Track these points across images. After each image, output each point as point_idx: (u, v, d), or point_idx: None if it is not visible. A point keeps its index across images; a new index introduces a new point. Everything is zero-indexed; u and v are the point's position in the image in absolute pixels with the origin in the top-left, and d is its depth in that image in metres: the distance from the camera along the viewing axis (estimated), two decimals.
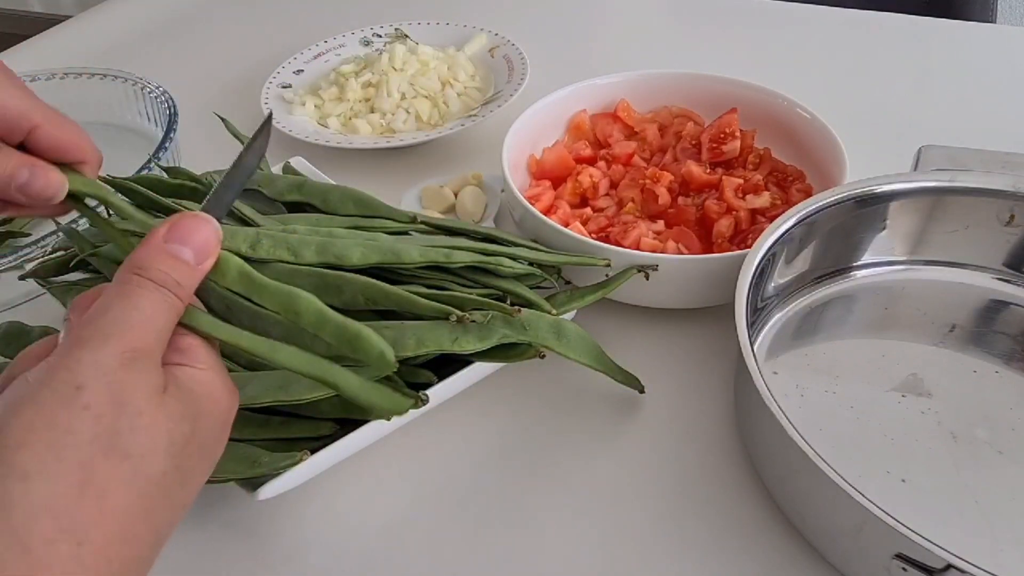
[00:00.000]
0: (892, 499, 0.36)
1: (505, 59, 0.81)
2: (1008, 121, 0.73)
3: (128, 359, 0.28)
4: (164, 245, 0.31)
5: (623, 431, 0.50)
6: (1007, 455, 0.45)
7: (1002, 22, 1.13)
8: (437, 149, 0.76)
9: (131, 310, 0.29)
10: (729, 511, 0.45)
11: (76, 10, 1.14)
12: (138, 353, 0.28)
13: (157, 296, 0.30)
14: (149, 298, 0.30)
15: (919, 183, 0.53)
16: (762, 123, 0.65)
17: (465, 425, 0.51)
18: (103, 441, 0.26)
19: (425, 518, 0.46)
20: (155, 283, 0.30)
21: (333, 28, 0.89)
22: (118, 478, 0.26)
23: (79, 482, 0.25)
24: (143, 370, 0.28)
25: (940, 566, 0.34)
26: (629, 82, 0.69)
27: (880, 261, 0.55)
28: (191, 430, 0.29)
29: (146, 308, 0.30)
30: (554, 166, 0.65)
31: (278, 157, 0.66)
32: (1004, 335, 0.52)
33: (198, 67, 0.91)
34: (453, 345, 0.44)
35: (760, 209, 0.59)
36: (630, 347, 0.53)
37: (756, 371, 0.41)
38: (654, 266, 0.51)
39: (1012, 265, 0.54)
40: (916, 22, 0.89)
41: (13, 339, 0.55)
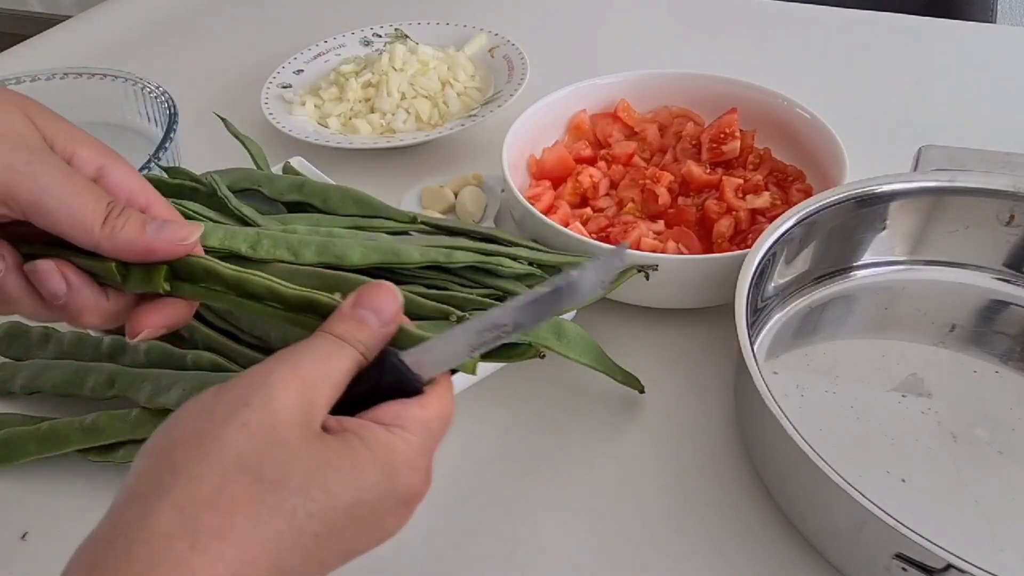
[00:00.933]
0: (892, 499, 0.36)
1: (505, 59, 0.81)
2: (1008, 121, 0.73)
3: (295, 395, 0.29)
4: (351, 311, 0.33)
5: (623, 431, 0.50)
6: (1007, 455, 0.45)
7: (1002, 22, 1.13)
8: (437, 149, 0.76)
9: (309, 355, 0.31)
10: (729, 511, 0.45)
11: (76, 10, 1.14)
12: (306, 390, 0.29)
13: (339, 349, 0.31)
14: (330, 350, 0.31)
15: (919, 183, 0.53)
16: (762, 123, 0.65)
17: (465, 425, 0.51)
18: (245, 459, 0.27)
19: (424, 518, 0.46)
20: (334, 337, 0.32)
21: (333, 28, 0.89)
22: (248, 496, 0.26)
23: (214, 491, 0.26)
24: (303, 408, 0.29)
25: (940, 566, 0.34)
26: (629, 82, 0.69)
27: (880, 261, 0.55)
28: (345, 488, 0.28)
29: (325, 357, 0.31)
30: (554, 166, 0.65)
31: (278, 157, 0.66)
32: (1004, 335, 0.52)
33: (198, 67, 0.91)
34: None
35: (760, 209, 0.59)
36: (630, 347, 0.53)
37: (756, 371, 0.41)
38: (654, 266, 0.51)
39: (1012, 265, 0.54)
40: (916, 22, 0.89)
41: (13, 339, 0.55)
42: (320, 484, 0.28)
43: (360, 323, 0.32)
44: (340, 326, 0.32)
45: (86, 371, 0.49)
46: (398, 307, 0.33)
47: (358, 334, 0.32)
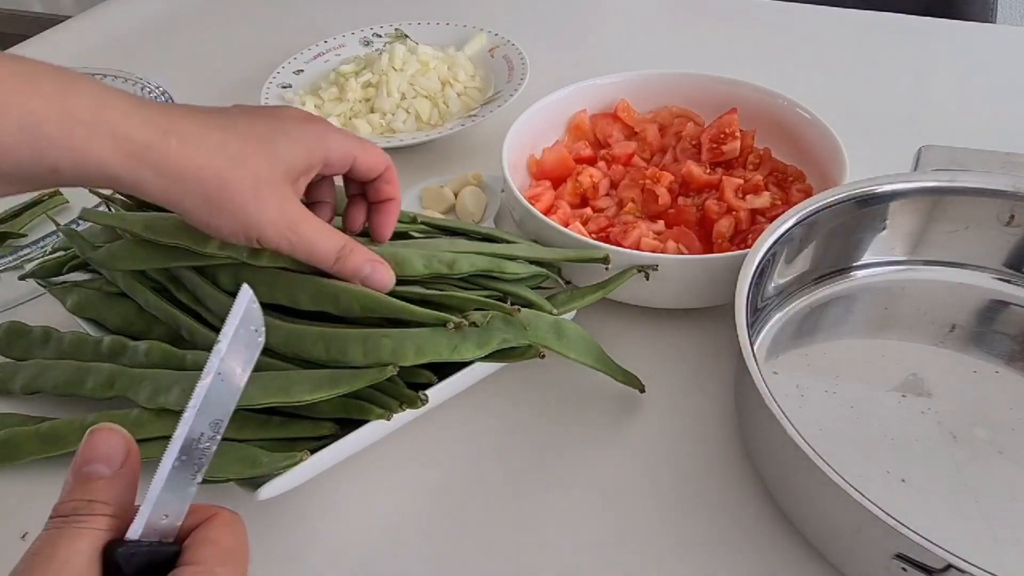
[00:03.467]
0: (892, 499, 0.36)
1: (505, 59, 0.81)
2: (1008, 121, 0.73)
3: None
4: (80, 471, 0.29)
5: (623, 431, 0.50)
6: (1007, 455, 0.45)
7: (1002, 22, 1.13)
8: (437, 149, 0.76)
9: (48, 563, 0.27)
10: (729, 511, 0.45)
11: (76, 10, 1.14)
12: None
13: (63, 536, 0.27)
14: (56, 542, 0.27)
15: (919, 183, 0.53)
16: (762, 123, 0.65)
17: (465, 425, 0.51)
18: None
19: (425, 518, 0.46)
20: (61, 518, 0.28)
21: (333, 28, 0.89)
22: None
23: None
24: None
25: (940, 566, 0.34)
26: (629, 82, 0.69)
27: (880, 261, 0.55)
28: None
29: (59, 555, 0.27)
30: (554, 166, 0.65)
31: None
32: (1004, 335, 0.52)
33: (198, 67, 0.91)
34: (452, 353, 0.44)
35: (760, 209, 0.59)
36: (630, 347, 0.53)
37: (756, 371, 0.41)
38: (654, 266, 0.51)
39: (1012, 265, 0.54)
40: (916, 22, 0.89)
41: (13, 339, 0.55)
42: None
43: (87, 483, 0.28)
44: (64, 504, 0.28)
45: (86, 371, 0.49)
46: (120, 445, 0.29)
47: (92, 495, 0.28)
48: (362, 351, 0.44)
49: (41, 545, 0.27)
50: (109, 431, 0.30)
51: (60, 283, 0.56)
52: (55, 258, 0.57)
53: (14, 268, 0.58)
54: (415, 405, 0.44)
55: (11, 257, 0.58)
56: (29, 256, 0.59)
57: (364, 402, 0.44)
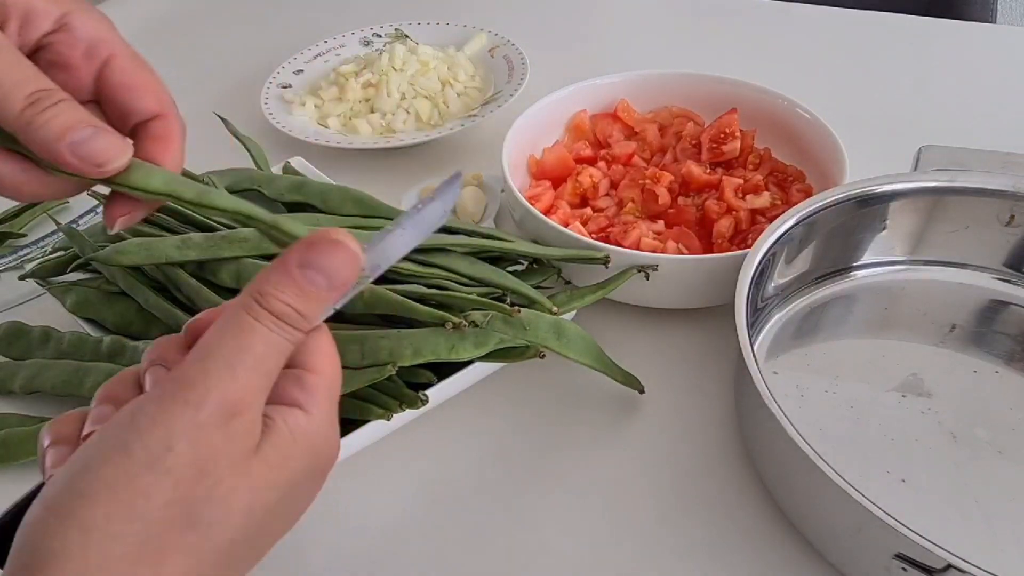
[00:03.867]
0: (892, 499, 0.36)
1: (505, 59, 0.81)
2: (1008, 121, 0.73)
3: (224, 420, 0.26)
4: (295, 271, 0.27)
5: (623, 431, 0.50)
6: (1007, 455, 0.44)
7: (1002, 22, 1.13)
8: (437, 149, 0.76)
9: (240, 353, 0.26)
10: (729, 511, 0.45)
11: None
12: (237, 410, 0.26)
13: (271, 337, 0.27)
14: (263, 338, 0.27)
15: (919, 183, 0.53)
16: (762, 123, 0.65)
17: (465, 425, 0.51)
18: (175, 508, 0.25)
19: (425, 518, 0.46)
20: (273, 317, 0.27)
21: (333, 28, 0.89)
22: (181, 548, 0.25)
23: (139, 546, 0.24)
24: (237, 433, 0.26)
25: (940, 566, 0.34)
26: (629, 82, 0.69)
27: (880, 261, 0.55)
28: (277, 497, 0.27)
29: (257, 349, 0.27)
30: (554, 166, 0.65)
31: (278, 157, 0.66)
32: (1004, 335, 0.52)
33: (198, 67, 0.91)
34: (450, 353, 0.44)
35: (760, 209, 0.59)
36: (630, 347, 0.53)
37: (756, 371, 0.41)
38: (654, 266, 0.51)
39: (1012, 265, 0.54)
40: (916, 22, 0.89)
41: (13, 339, 0.55)
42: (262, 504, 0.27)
43: (304, 293, 0.27)
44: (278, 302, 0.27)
45: (85, 371, 0.49)
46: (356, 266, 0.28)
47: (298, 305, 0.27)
48: (360, 352, 0.44)
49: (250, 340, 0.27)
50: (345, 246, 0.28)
51: (60, 283, 0.56)
52: (55, 258, 0.57)
53: (14, 268, 0.58)
54: (415, 405, 0.44)
55: (11, 257, 0.58)
56: (29, 256, 0.59)
57: (364, 402, 0.44)
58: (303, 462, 0.28)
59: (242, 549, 0.27)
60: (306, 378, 0.29)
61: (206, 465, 0.25)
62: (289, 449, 0.27)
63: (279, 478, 0.27)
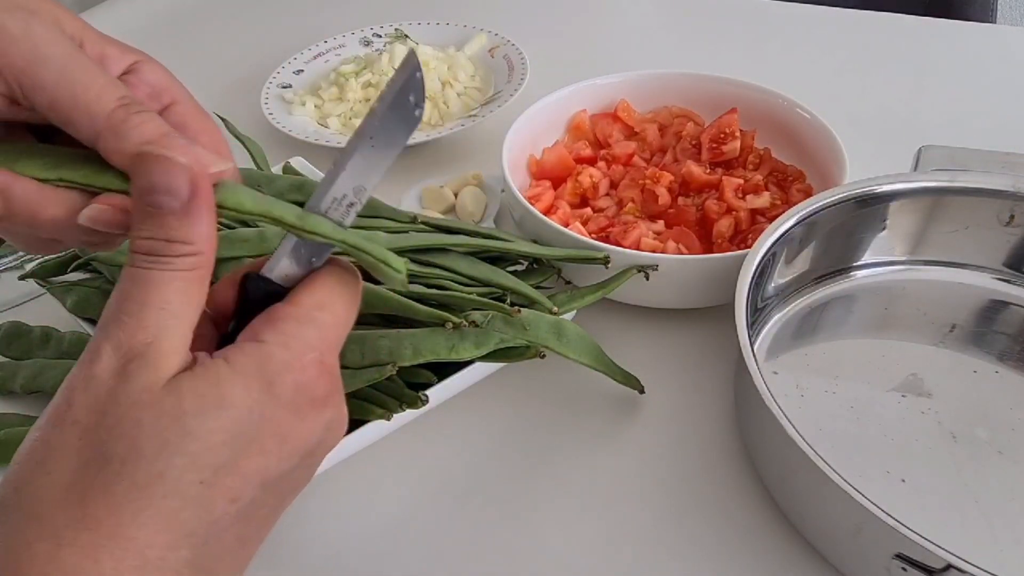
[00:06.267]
0: (892, 499, 0.36)
1: (505, 59, 0.81)
2: (1008, 121, 0.73)
3: (120, 364, 0.26)
4: (138, 204, 0.26)
5: (623, 431, 0.50)
6: (1007, 455, 0.44)
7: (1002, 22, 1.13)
8: (437, 149, 0.76)
9: (123, 302, 0.26)
10: (729, 511, 0.45)
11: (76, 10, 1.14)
12: (133, 352, 0.26)
13: (149, 275, 0.26)
14: (139, 278, 0.26)
15: (919, 183, 0.53)
16: (762, 123, 0.65)
17: (465, 425, 0.51)
18: (86, 452, 0.25)
19: (425, 518, 0.46)
20: (141, 255, 0.26)
21: (333, 28, 0.89)
22: (97, 484, 0.25)
23: (62, 489, 0.25)
24: (134, 372, 0.26)
25: (940, 566, 0.34)
26: (629, 82, 0.69)
27: (880, 261, 0.55)
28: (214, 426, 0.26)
29: (136, 291, 0.26)
30: (554, 166, 0.65)
31: (278, 157, 0.66)
32: (1004, 335, 0.52)
33: (198, 67, 0.91)
34: (450, 353, 0.44)
35: (760, 209, 0.59)
36: (630, 347, 0.53)
37: (756, 371, 0.41)
38: (654, 266, 0.51)
39: (1012, 265, 0.54)
40: (916, 22, 0.89)
41: (13, 339, 0.55)
42: (179, 432, 0.25)
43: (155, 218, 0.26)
44: (139, 240, 0.26)
45: None
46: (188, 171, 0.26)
47: (163, 233, 0.26)
48: (360, 352, 0.44)
49: (129, 287, 0.26)
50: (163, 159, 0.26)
51: (60, 283, 0.56)
52: (55, 258, 0.57)
53: (14, 268, 0.58)
54: (415, 405, 0.44)
55: (11, 257, 0.58)
56: (29, 256, 0.59)
57: (364, 402, 0.44)
58: (246, 391, 0.26)
59: (191, 488, 0.25)
60: (275, 311, 0.28)
61: (105, 407, 0.25)
62: (219, 377, 0.26)
63: (202, 405, 0.26)
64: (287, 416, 0.27)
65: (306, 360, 0.28)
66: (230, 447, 0.26)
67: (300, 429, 0.28)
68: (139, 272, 0.26)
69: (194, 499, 0.25)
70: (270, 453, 0.27)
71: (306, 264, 0.30)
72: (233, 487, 0.26)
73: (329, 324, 0.29)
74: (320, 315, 0.29)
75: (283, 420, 0.27)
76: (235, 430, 0.26)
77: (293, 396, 0.27)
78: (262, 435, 0.27)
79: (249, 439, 0.26)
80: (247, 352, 0.27)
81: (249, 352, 0.27)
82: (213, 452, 0.26)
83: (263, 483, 0.27)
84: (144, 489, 0.25)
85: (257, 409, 0.27)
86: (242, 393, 0.26)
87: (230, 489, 0.26)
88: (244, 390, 0.26)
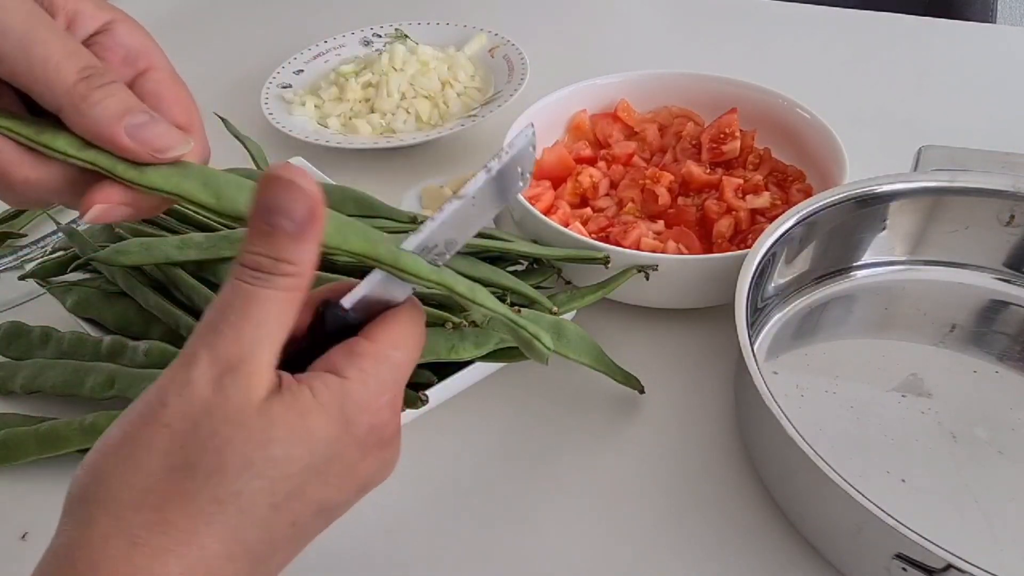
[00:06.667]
0: (892, 499, 0.36)
1: (505, 59, 0.81)
2: (1008, 121, 0.73)
3: (216, 375, 0.26)
4: (256, 220, 0.27)
5: (623, 431, 0.50)
6: (1007, 455, 0.44)
7: (1002, 22, 1.13)
8: (437, 149, 0.76)
9: (223, 312, 0.27)
10: (729, 511, 0.45)
11: None
12: (230, 365, 0.26)
13: (252, 290, 0.27)
14: (242, 292, 0.27)
15: (919, 183, 0.53)
16: (762, 123, 0.65)
17: (465, 425, 0.51)
18: (173, 457, 0.26)
19: (425, 518, 0.46)
20: (248, 270, 0.27)
21: (333, 28, 0.89)
22: (179, 495, 0.26)
23: (142, 491, 0.26)
24: (230, 387, 0.26)
25: (940, 566, 0.34)
26: (629, 82, 0.69)
27: (880, 261, 0.55)
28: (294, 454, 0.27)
29: (238, 304, 0.27)
30: (554, 166, 0.65)
31: (278, 157, 0.66)
32: (1004, 335, 0.52)
33: (198, 67, 0.91)
34: (450, 353, 0.44)
35: (760, 209, 0.59)
36: (630, 347, 0.53)
37: (756, 371, 0.41)
38: (654, 266, 0.51)
39: (1012, 265, 0.54)
40: (916, 22, 0.89)
41: (13, 339, 0.55)
42: (264, 457, 0.26)
43: (270, 237, 0.27)
44: (249, 255, 0.27)
45: (86, 371, 0.49)
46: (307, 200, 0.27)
47: (274, 252, 0.27)
48: None
49: (233, 298, 0.27)
50: (290, 184, 0.27)
51: (60, 283, 0.56)
52: (55, 258, 0.57)
53: (14, 268, 0.58)
54: (415, 405, 0.44)
55: (11, 257, 0.58)
56: (29, 256, 0.59)
57: None
58: (327, 425, 0.28)
59: (262, 509, 0.27)
60: (355, 345, 0.29)
61: (199, 417, 0.26)
62: (306, 408, 0.27)
63: (289, 436, 0.27)
64: (356, 453, 0.29)
65: (382, 401, 0.29)
66: (303, 476, 0.27)
67: (363, 465, 0.29)
68: (243, 287, 0.27)
69: (262, 519, 0.27)
70: (334, 486, 0.29)
71: (386, 301, 0.31)
72: (295, 511, 0.28)
73: (403, 364, 0.30)
74: (395, 354, 0.30)
75: (352, 456, 0.29)
76: (311, 462, 0.27)
77: (366, 436, 0.29)
78: (332, 468, 0.28)
79: (320, 471, 0.28)
80: (330, 386, 0.28)
81: (332, 386, 0.28)
82: (288, 480, 0.27)
83: (320, 510, 0.29)
84: (222, 504, 0.26)
85: (334, 444, 0.28)
86: (323, 428, 0.28)
87: (293, 513, 0.28)
88: (325, 426, 0.28)
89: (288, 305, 0.28)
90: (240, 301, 0.27)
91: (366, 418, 0.29)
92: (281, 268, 0.27)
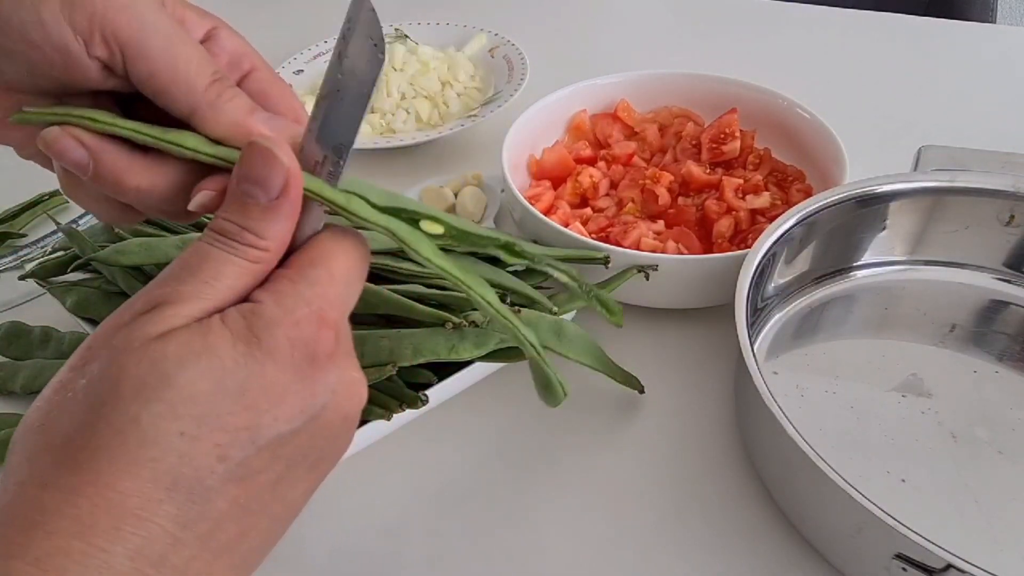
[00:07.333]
0: (892, 499, 0.36)
1: (505, 59, 0.81)
2: (1008, 121, 0.73)
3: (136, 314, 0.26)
4: (234, 187, 0.27)
5: (623, 431, 0.50)
6: (1007, 455, 0.44)
7: (1002, 22, 1.13)
8: (437, 149, 0.76)
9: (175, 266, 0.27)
10: (729, 511, 0.45)
11: None
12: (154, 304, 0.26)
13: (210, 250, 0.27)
14: (198, 249, 0.27)
15: (919, 183, 0.53)
16: (762, 123, 0.65)
17: (465, 425, 0.51)
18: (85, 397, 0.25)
19: (425, 518, 0.46)
20: (214, 233, 0.27)
21: (333, 28, 0.88)
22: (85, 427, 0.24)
23: (61, 433, 0.25)
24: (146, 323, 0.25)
25: (940, 566, 0.34)
26: (629, 82, 0.69)
27: (880, 261, 0.55)
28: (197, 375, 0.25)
29: (190, 259, 0.27)
30: (554, 166, 0.65)
31: None
32: (1004, 335, 0.52)
33: None
34: (450, 353, 0.44)
35: (760, 209, 0.59)
36: (630, 347, 0.53)
37: (756, 371, 0.41)
38: (654, 266, 0.51)
39: (1012, 265, 0.54)
40: (916, 22, 0.89)
41: (13, 339, 0.55)
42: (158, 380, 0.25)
43: (242, 206, 0.27)
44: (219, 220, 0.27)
45: None
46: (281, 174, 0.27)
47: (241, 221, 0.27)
48: (360, 351, 0.44)
49: (190, 257, 0.27)
50: (268, 153, 0.27)
51: (60, 283, 0.56)
52: (55, 258, 0.57)
53: (14, 268, 0.58)
54: (415, 405, 0.44)
55: (11, 257, 0.58)
56: (29, 256, 0.59)
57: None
58: (232, 343, 0.26)
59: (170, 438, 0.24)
60: (270, 275, 0.28)
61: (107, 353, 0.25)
62: (207, 329, 0.26)
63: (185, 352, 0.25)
64: (281, 373, 0.26)
65: (299, 315, 0.27)
66: (212, 399, 0.25)
67: (299, 389, 0.27)
68: (203, 247, 0.27)
69: (174, 450, 0.24)
70: (262, 411, 0.26)
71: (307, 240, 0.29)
72: (220, 443, 0.25)
73: (324, 279, 0.28)
74: (312, 271, 0.28)
75: (276, 377, 0.26)
76: (218, 382, 0.25)
77: (288, 352, 0.26)
78: (249, 390, 0.26)
79: (235, 393, 0.25)
80: (240, 309, 0.26)
81: (242, 309, 0.26)
82: (193, 402, 0.25)
83: (255, 443, 0.26)
84: (120, 434, 0.24)
85: (243, 362, 0.26)
86: (227, 346, 0.25)
87: (217, 446, 0.25)
88: (230, 343, 0.26)
89: (243, 273, 0.27)
90: (196, 259, 0.27)
91: (280, 331, 0.26)
92: (245, 238, 0.27)
